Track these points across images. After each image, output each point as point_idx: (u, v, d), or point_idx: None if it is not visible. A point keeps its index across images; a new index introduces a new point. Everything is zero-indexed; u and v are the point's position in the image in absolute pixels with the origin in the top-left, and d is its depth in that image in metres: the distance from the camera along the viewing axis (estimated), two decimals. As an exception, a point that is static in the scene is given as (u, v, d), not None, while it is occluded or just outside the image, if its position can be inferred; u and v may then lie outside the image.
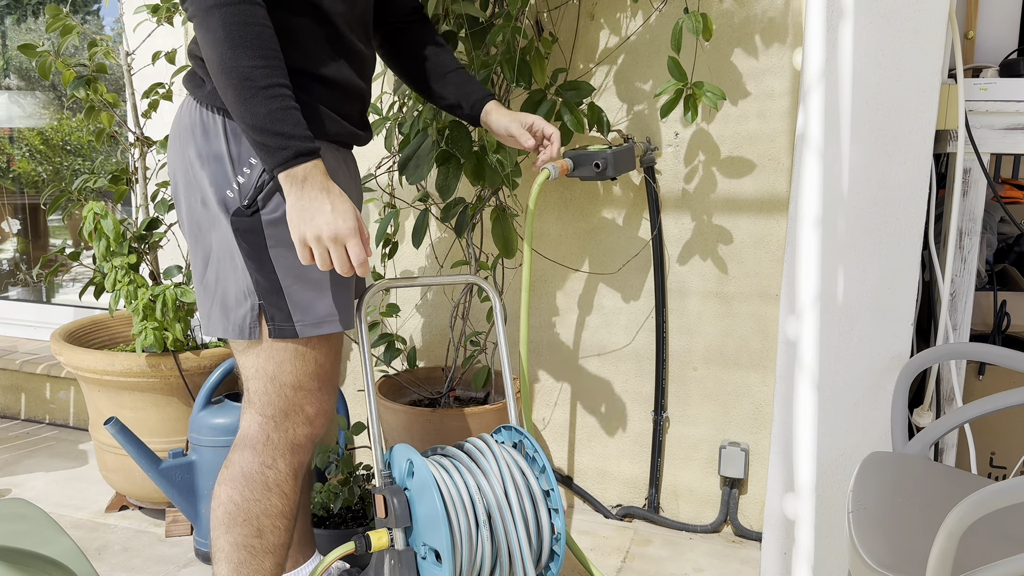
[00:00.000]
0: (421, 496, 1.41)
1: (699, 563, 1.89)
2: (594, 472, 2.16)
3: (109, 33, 2.92)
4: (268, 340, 1.25)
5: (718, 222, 1.93)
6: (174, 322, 1.95)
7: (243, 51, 1.07)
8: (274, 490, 1.29)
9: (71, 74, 2.05)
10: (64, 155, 3.24)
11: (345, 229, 1.13)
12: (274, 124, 1.09)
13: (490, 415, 1.86)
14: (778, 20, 1.81)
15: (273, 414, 1.28)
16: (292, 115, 1.10)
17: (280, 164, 1.10)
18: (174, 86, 2.20)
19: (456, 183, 1.70)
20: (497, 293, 1.79)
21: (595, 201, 2.04)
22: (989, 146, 1.48)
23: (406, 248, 2.19)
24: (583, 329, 2.10)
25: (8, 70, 3.26)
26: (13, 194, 3.34)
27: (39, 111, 3.28)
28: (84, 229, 1.97)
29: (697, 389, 2.01)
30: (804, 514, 1.59)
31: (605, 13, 1.94)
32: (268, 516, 1.29)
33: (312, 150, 1.12)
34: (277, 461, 1.29)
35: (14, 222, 3.43)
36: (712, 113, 1.89)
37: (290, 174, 1.11)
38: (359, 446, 2.28)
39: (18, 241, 3.45)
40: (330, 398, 1.33)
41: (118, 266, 1.96)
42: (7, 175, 3.31)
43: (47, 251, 3.35)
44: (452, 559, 1.37)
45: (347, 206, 1.14)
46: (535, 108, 1.78)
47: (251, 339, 1.25)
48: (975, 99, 1.47)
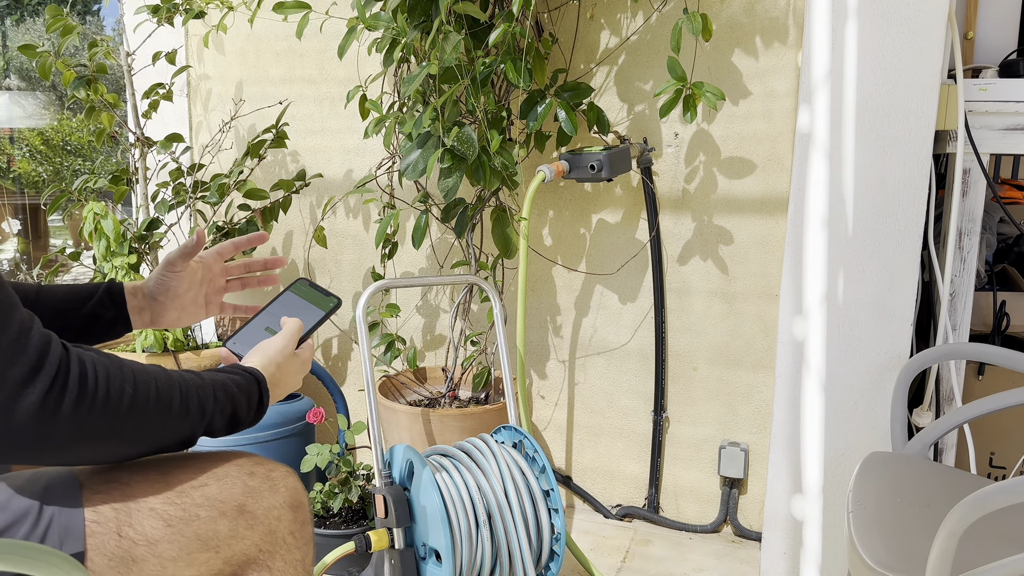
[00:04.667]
0: (421, 496, 1.41)
1: (699, 563, 1.89)
2: (594, 472, 2.16)
3: (109, 33, 2.92)
4: None
5: (720, 222, 1.93)
6: (174, 322, 1.95)
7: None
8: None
9: (71, 74, 2.05)
10: (64, 155, 3.23)
11: None
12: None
13: (490, 415, 1.86)
14: (780, 20, 1.81)
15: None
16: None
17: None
18: (174, 86, 2.20)
19: (459, 184, 1.71)
20: (497, 293, 1.79)
21: (594, 201, 2.04)
22: (988, 146, 1.48)
23: (406, 248, 2.19)
24: (583, 329, 2.10)
25: (8, 71, 3.25)
26: (13, 194, 3.33)
27: (39, 111, 3.28)
28: (84, 229, 1.97)
29: (697, 389, 2.01)
30: (811, 515, 1.60)
31: (605, 13, 1.94)
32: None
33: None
34: None
35: (14, 222, 3.43)
36: (712, 113, 1.89)
37: None
38: (359, 446, 2.28)
39: (18, 241, 3.45)
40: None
41: (118, 266, 1.96)
42: (8, 175, 3.31)
43: (47, 251, 3.35)
44: (452, 559, 1.37)
45: None
46: (534, 108, 1.78)
47: None
48: (975, 99, 1.47)
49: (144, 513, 0.88)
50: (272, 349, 1.04)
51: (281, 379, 1.04)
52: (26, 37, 3.06)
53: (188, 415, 0.89)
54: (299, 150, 2.34)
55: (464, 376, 2.06)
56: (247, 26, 2.15)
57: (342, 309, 2.37)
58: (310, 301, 1.17)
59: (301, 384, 1.10)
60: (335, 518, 1.83)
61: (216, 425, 0.93)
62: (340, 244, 2.33)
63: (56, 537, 0.83)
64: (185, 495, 0.91)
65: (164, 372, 0.89)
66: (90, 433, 0.81)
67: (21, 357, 0.76)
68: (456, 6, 1.60)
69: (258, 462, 0.99)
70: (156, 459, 0.94)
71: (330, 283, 2.37)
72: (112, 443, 0.84)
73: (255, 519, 0.95)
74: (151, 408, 0.85)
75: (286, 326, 1.08)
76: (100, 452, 0.85)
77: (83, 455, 0.83)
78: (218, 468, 0.95)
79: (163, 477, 0.92)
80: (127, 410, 0.83)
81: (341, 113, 2.22)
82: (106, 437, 0.83)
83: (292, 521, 0.99)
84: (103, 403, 0.81)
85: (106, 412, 0.81)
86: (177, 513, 0.90)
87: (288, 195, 2.17)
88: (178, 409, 0.88)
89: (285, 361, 1.05)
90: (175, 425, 0.88)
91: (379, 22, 1.72)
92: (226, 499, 0.93)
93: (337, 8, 1.99)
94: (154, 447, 0.89)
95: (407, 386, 2.10)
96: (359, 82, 1.99)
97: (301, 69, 2.29)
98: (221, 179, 2.12)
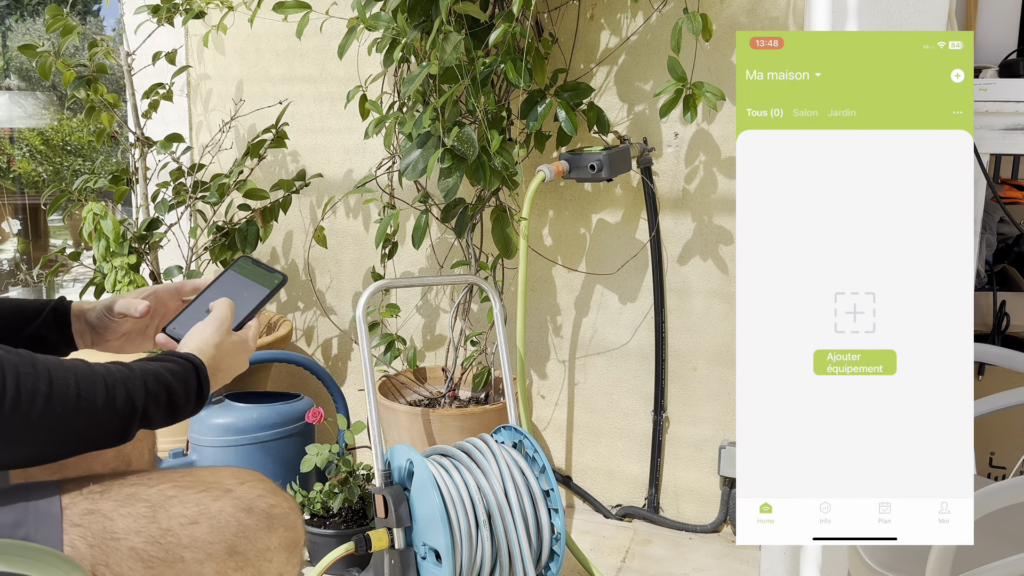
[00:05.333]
0: (421, 496, 1.41)
1: (699, 563, 1.89)
2: (594, 472, 2.16)
3: (109, 33, 2.92)
4: None
5: (720, 222, 1.93)
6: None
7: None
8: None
9: (71, 74, 2.05)
10: (64, 155, 3.24)
11: None
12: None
13: (490, 415, 1.86)
14: (780, 20, 1.81)
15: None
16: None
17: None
18: (174, 86, 2.20)
19: (459, 184, 1.71)
20: (497, 293, 1.79)
21: (594, 201, 2.04)
22: (989, 146, 1.48)
23: (406, 248, 2.19)
24: (582, 329, 2.10)
25: (8, 71, 3.26)
26: (13, 194, 3.34)
27: (39, 111, 3.28)
28: (84, 230, 1.97)
29: (697, 389, 2.01)
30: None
31: (605, 13, 1.94)
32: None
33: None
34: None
35: (14, 222, 3.43)
36: (712, 113, 1.89)
37: None
38: (359, 446, 2.28)
39: (18, 241, 3.45)
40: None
41: (118, 266, 1.96)
42: (7, 175, 3.31)
43: (47, 251, 3.35)
44: (452, 559, 1.37)
45: None
46: (534, 108, 1.78)
47: None
48: (975, 99, 1.47)
49: (123, 553, 0.84)
50: (205, 332, 1.00)
51: (222, 362, 0.99)
52: (26, 37, 3.07)
53: (115, 410, 0.85)
54: (299, 150, 2.34)
55: (464, 376, 2.06)
56: (247, 26, 2.15)
57: (342, 309, 2.37)
58: (253, 279, 1.12)
59: (247, 366, 1.06)
60: (335, 518, 1.83)
61: (152, 416, 0.89)
62: (340, 244, 2.33)
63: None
64: (171, 534, 0.87)
65: (86, 366, 0.85)
66: (5, 437, 0.78)
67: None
68: (456, 6, 1.60)
69: (261, 495, 0.94)
70: (148, 485, 0.90)
71: (330, 283, 2.37)
72: (31, 445, 0.81)
73: (245, 560, 0.91)
74: (70, 406, 0.81)
75: (215, 309, 1.03)
76: (20, 455, 0.81)
77: (2, 459, 0.80)
78: (213, 504, 0.90)
79: (151, 512, 0.88)
80: (41, 410, 0.79)
81: (341, 113, 2.22)
82: (24, 441, 0.79)
83: (285, 563, 0.95)
84: (12, 404, 0.77)
85: (16, 414, 0.77)
86: (159, 555, 0.86)
87: (288, 195, 2.17)
88: (103, 405, 0.83)
89: (223, 343, 1.00)
90: (102, 422, 0.84)
91: (379, 22, 1.72)
92: (216, 540, 0.89)
93: (337, 8, 1.99)
94: (82, 446, 0.85)
95: (407, 386, 2.10)
96: (359, 82, 1.99)
97: (301, 69, 2.29)
98: (221, 179, 2.12)
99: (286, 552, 0.95)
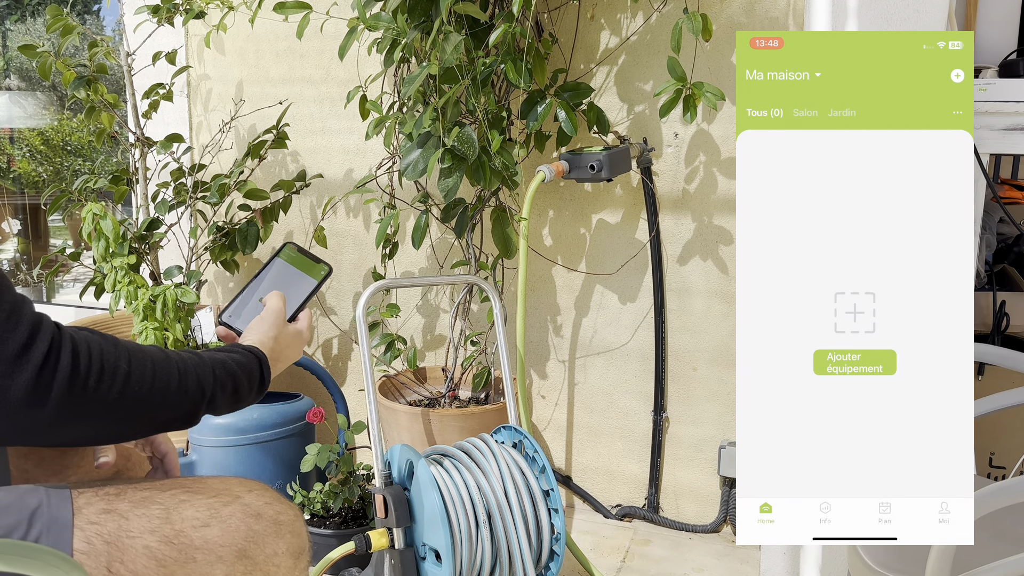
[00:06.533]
0: (421, 496, 1.41)
1: (699, 563, 1.89)
2: (594, 472, 2.16)
3: (109, 33, 2.92)
4: None
5: (720, 222, 1.93)
6: (174, 322, 1.95)
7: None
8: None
9: (71, 74, 2.05)
10: (64, 155, 3.24)
11: None
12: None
13: (490, 415, 1.86)
14: (780, 20, 1.81)
15: None
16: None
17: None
18: (174, 87, 2.20)
19: (459, 184, 1.71)
20: (497, 293, 1.79)
21: (594, 201, 2.04)
22: (988, 146, 1.48)
23: (406, 248, 2.19)
24: (582, 329, 2.10)
25: (9, 70, 3.26)
26: (13, 194, 3.34)
27: (40, 111, 3.28)
28: (84, 230, 1.97)
29: (697, 389, 2.01)
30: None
31: (605, 13, 1.95)
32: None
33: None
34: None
35: (14, 222, 3.43)
36: (712, 113, 1.89)
37: None
38: (359, 446, 2.28)
39: (19, 241, 3.45)
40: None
41: (118, 266, 1.96)
42: (7, 175, 3.31)
43: (47, 251, 3.35)
44: (452, 559, 1.37)
45: None
46: (534, 108, 1.78)
47: None
48: (975, 99, 1.47)
49: (138, 550, 0.87)
50: (264, 325, 1.08)
51: (281, 353, 1.08)
52: (26, 37, 3.07)
53: (186, 393, 0.90)
54: (299, 150, 2.34)
55: (464, 376, 2.06)
56: (247, 26, 2.15)
57: (342, 309, 2.37)
58: (301, 269, 1.18)
59: (302, 356, 1.17)
60: (335, 518, 1.83)
61: (218, 402, 0.95)
62: (340, 244, 2.33)
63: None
64: (184, 535, 0.90)
65: (161, 352, 0.90)
66: (84, 412, 0.81)
67: (13, 335, 0.77)
68: (456, 6, 1.60)
69: (268, 502, 0.97)
70: (161, 490, 0.93)
71: (330, 283, 2.37)
72: (108, 422, 0.84)
73: (254, 565, 0.93)
74: (146, 386, 0.86)
75: (269, 302, 1.12)
76: (96, 431, 0.85)
77: (78, 434, 0.83)
78: (224, 508, 0.93)
79: (164, 513, 0.90)
80: (121, 388, 0.83)
81: (341, 113, 2.22)
82: (101, 416, 0.83)
83: (292, 568, 0.97)
84: (96, 381, 0.81)
85: (99, 390, 0.81)
86: (172, 554, 0.88)
87: (288, 195, 2.17)
88: (176, 387, 0.89)
89: (281, 335, 1.09)
90: (174, 402, 0.89)
91: (379, 22, 1.72)
92: (227, 543, 0.92)
93: (337, 8, 1.99)
94: (153, 426, 0.90)
95: (407, 386, 2.10)
96: (359, 82, 1.99)
97: (301, 69, 2.29)
98: (221, 179, 2.12)
99: (293, 558, 0.97)
